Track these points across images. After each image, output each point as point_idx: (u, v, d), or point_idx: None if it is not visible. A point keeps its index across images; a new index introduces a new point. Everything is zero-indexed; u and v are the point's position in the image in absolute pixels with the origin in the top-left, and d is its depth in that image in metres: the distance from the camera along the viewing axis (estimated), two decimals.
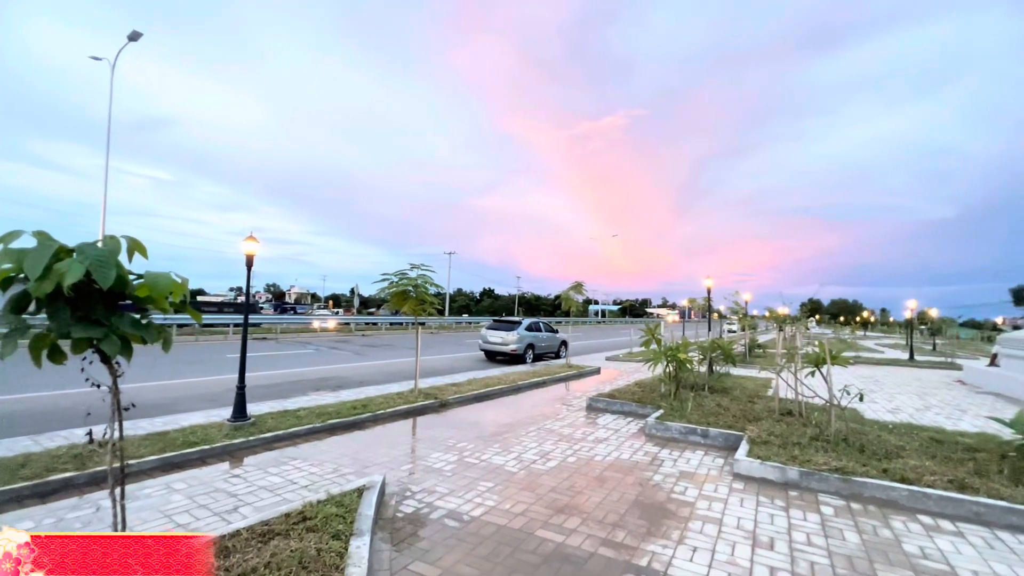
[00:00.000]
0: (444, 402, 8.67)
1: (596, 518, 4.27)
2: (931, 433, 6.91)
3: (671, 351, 8.96)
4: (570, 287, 15.59)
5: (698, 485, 5.18)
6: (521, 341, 16.23)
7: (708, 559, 3.62)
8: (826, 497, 4.93)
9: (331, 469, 5.33)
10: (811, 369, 7.00)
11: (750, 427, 6.74)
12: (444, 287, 54.03)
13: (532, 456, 5.99)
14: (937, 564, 3.66)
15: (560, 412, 8.58)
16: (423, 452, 6.09)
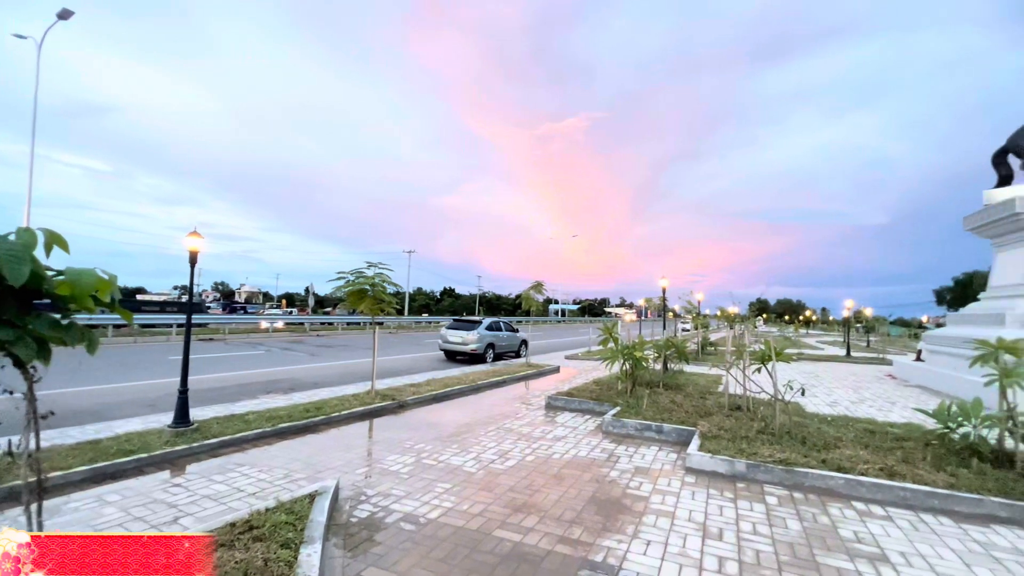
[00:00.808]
0: (402, 403, 8.51)
1: (553, 516, 4.30)
2: (865, 424, 7.37)
3: (627, 350, 9.15)
4: (530, 287, 15.69)
5: (652, 480, 5.30)
6: (481, 340, 16.18)
7: (661, 552, 3.71)
8: (771, 488, 5.16)
9: (282, 475, 5.12)
10: (758, 366, 7.33)
11: (702, 422, 6.98)
12: (403, 286, 53.15)
13: (491, 456, 5.97)
14: (869, 547, 3.89)
15: (519, 411, 8.60)
16: (380, 455, 5.96)
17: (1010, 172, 12.97)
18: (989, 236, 13.10)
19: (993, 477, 4.99)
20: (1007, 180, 12.98)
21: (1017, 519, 4.45)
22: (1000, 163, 13.18)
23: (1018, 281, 11.70)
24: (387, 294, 8.55)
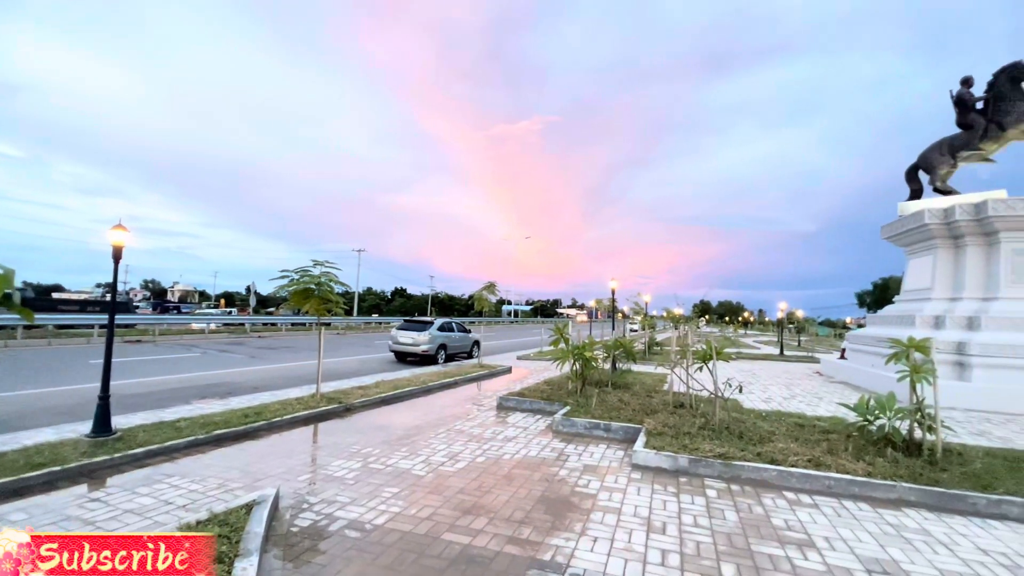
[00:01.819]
0: (349, 406, 8.25)
1: (503, 516, 4.30)
2: (795, 419, 7.87)
3: (578, 350, 9.32)
4: (483, 287, 15.66)
5: (600, 477, 5.42)
6: (433, 341, 15.97)
7: (607, 548, 3.79)
8: (711, 481, 5.40)
9: (216, 485, 4.82)
10: (700, 365, 7.65)
11: (647, 420, 7.21)
12: (351, 286, 51.61)
13: (441, 458, 5.89)
14: (798, 534, 4.15)
15: (471, 412, 8.55)
16: (324, 460, 5.74)
17: (920, 187, 14.26)
18: (902, 245, 14.36)
19: (904, 465, 5.46)
20: (917, 194, 14.27)
21: (924, 502, 4.89)
22: (912, 178, 14.47)
23: (926, 286, 12.89)
24: (334, 294, 8.27)
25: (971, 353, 10.49)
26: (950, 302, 12.00)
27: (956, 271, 12.24)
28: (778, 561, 3.68)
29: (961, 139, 13.35)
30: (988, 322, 10.74)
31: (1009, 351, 10.23)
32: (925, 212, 12.47)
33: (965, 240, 11.97)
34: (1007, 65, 12.63)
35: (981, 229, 11.64)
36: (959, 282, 12.05)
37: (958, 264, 12.21)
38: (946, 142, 13.66)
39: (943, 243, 12.51)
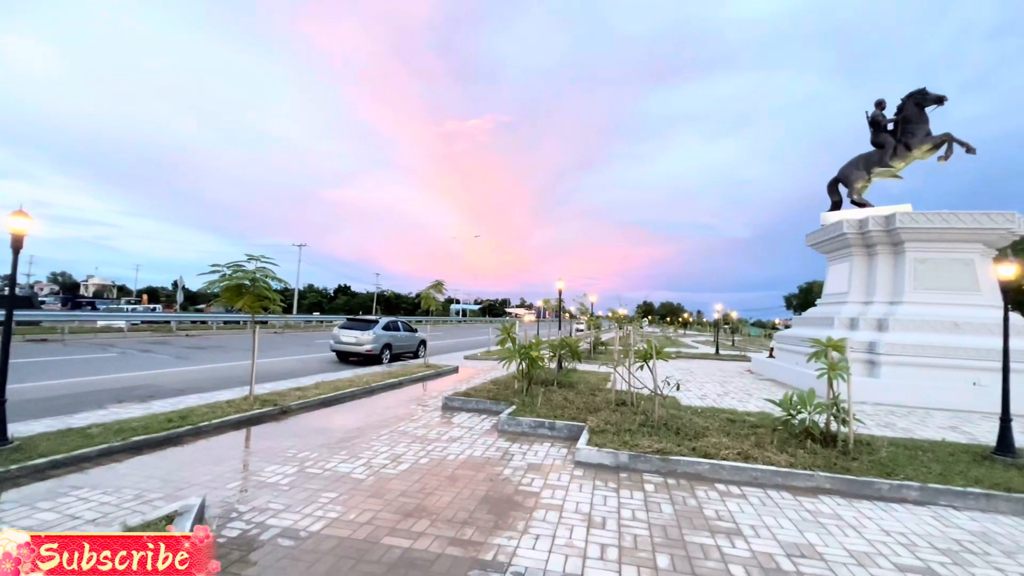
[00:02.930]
0: (285, 408, 7.87)
1: (446, 518, 4.24)
2: (728, 414, 8.32)
3: (524, 349, 9.38)
4: (430, 285, 15.45)
5: (544, 475, 5.47)
6: (377, 341, 15.56)
7: (549, 544, 3.83)
8: (649, 476, 5.60)
9: (133, 496, 4.44)
10: (641, 364, 7.92)
11: (591, 418, 7.36)
12: (290, 282, 49.46)
13: (383, 460, 5.74)
14: (727, 523, 4.38)
15: (415, 413, 8.40)
16: (256, 466, 5.44)
17: (840, 199, 15.50)
18: (824, 252, 15.54)
19: (822, 455, 5.90)
20: (837, 205, 15.50)
21: (837, 489, 5.30)
22: (833, 191, 15.70)
23: (844, 290, 14.02)
24: (271, 290, 7.86)
25: (880, 352, 11.52)
26: (864, 305, 13.12)
27: (869, 277, 13.40)
28: (708, 550, 3.86)
29: (874, 156, 14.64)
30: (894, 324, 11.83)
31: (911, 350, 11.31)
32: (843, 223, 13.56)
33: (877, 249, 13.12)
34: (913, 91, 13.99)
35: (890, 239, 12.80)
36: (871, 287, 13.20)
37: (871, 270, 13.37)
38: (862, 159, 14.94)
39: (858, 251, 13.66)
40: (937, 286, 12.23)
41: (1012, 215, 11.91)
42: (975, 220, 11.96)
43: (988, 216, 11.94)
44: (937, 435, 7.88)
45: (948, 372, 11.02)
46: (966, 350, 10.94)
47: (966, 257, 12.25)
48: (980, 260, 12.27)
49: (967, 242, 12.21)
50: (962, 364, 10.93)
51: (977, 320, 11.33)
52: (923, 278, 12.37)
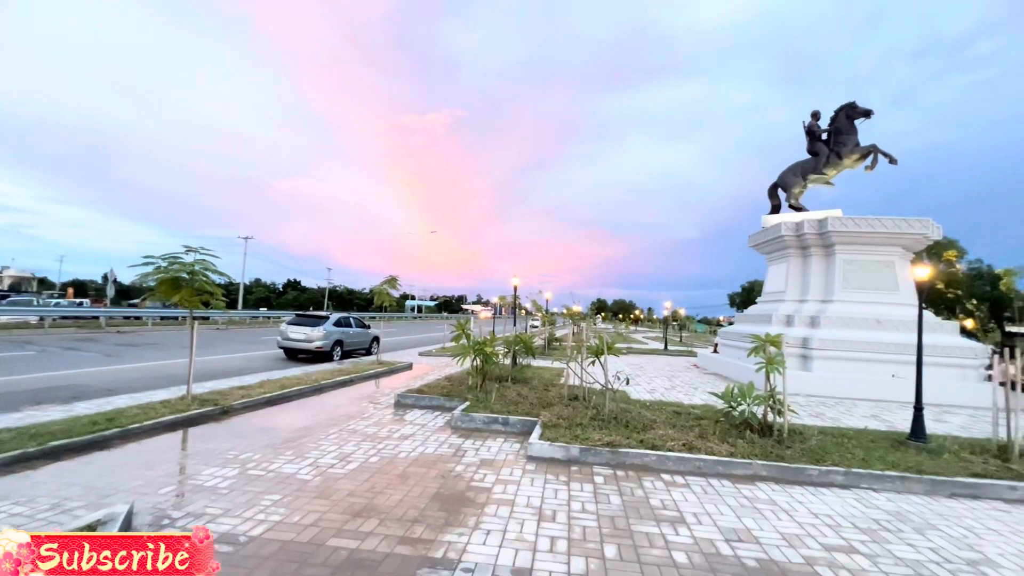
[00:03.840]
0: (226, 408, 7.48)
1: (395, 516, 4.17)
2: (674, 407, 8.64)
3: (479, 345, 9.36)
4: (384, 281, 15.11)
5: (496, 471, 5.49)
6: (328, 337, 15.08)
7: (500, 539, 3.84)
8: (599, 468, 5.73)
9: (49, 506, 4.10)
10: (592, 359, 8.08)
11: (544, 413, 7.45)
12: (234, 276, 47.19)
13: (330, 460, 5.57)
14: (671, 512, 4.55)
15: (367, 411, 8.21)
16: (194, 469, 5.15)
17: (779, 203, 16.41)
18: (764, 252, 16.41)
19: (759, 445, 6.24)
20: (777, 209, 16.39)
21: (773, 476, 5.62)
22: (773, 195, 16.59)
23: (781, 289, 14.87)
24: (211, 284, 7.44)
25: (812, 347, 12.31)
26: (799, 303, 13.96)
27: (804, 276, 14.27)
28: (654, 538, 4.00)
29: (810, 164, 15.59)
30: (825, 321, 12.67)
31: (839, 345, 12.15)
32: (782, 225, 14.37)
33: (811, 251, 13.99)
34: (844, 104, 14.99)
35: (823, 242, 13.68)
36: (806, 286, 14.07)
37: (805, 270, 14.24)
38: (799, 165, 15.87)
39: (795, 252, 14.51)
40: (863, 286, 13.20)
41: (927, 222, 13.02)
42: (895, 225, 12.98)
43: (907, 222, 12.99)
44: (861, 423, 8.52)
45: (871, 365, 11.92)
46: (887, 345, 11.87)
47: (887, 259, 13.29)
48: (900, 262, 13.34)
49: (888, 246, 13.23)
50: (883, 358, 11.86)
51: (896, 317, 12.32)
52: (851, 278, 13.31)
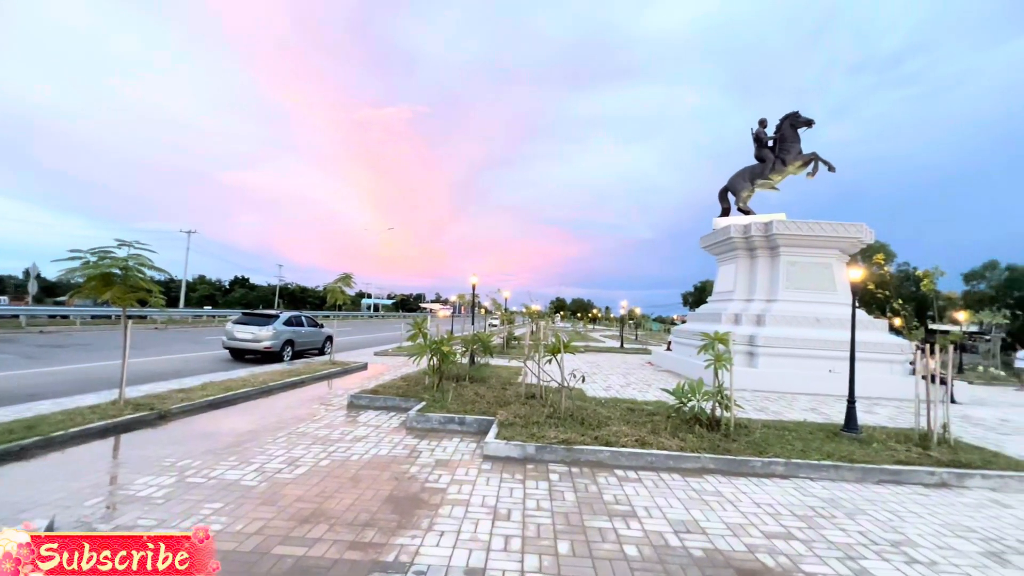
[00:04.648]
0: (164, 413, 7.04)
1: (346, 521, 4.05)
2: (628, 404, 8.84)
3: (436, 344, 9.25)
4: (338, 279, 14.67)
5: (452, 471, 5.43)
6: (278, 337, 14.49)
7: (453, 540, 3.80)
8: (555, 465, 5.77)
9: None
10: (549, 357, 8.14)
11: (500, 412, 7.44)
12: (173, 272, 44.78)
13: (278, 464, 5.34)
14: (624, 507, 4.64)
15: (318, 413, 7.94)
16: (126, 478, 4.81)
17: (729, 206, 17.10)
18: (714, 253, 17.07)
19: (708, 439, 6.47)
20: (726, 212, 17.08)
21: (719, 469, 5.84)
22: (723, 198, 17.27)
23: (730, 289, 15.50)
24: (147, 280, 6.98)
25: (758, 344, 12.91)
26: (746, 302, 14.61)
27: (751, 277, 14.94)
28: (606, 533, 4.06)
29: (757, 169, 16.34)
30: (770, 319, 13.31)
31: (783, 342, 12.81)
32: (731, 228, 14.99)
33: (758, 252, 14.67)
34: (788, 113, 15.80)
35: (768, 244, 14.37)
36: (753, 286, 14.74)
37: (752, 271, 14.92)
38: (747, 171, 16.59)
39: (743, 254, 15.17)
40: (804, 286, 13.96)
41: (861, 227, 13.91)
42: (833, 229, 13.80)
43: (843, 226, 13.84)
44: (801, 416, 9.00)
45: (811, 361, 12.63)
46: (825, 342, 12.61)
47: (826, 261, 14.12)
48: (837, 264, 14.20)
49: (826, 248, 14.06)
50: (822, 354, 12.58)
51: (834, 316, 13.10)
52: (793, 279, 14.05)
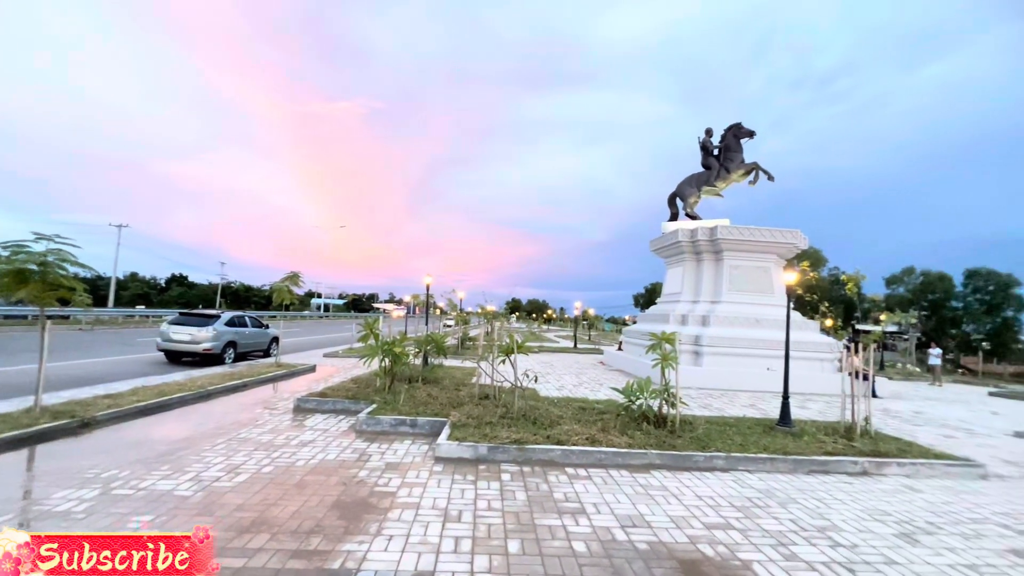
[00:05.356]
0: (87, 421, 6.53)
1: (289, 529, 3.90)
2: (580, 403, 9.00)
3: (387, 345, 9.07)
4: (284, 277, 14.10)
5: (402, 474, 5.34)
6: (219, 338, 13.75)
7: (402, 544, 3.74)
8: (507, 465, 5.79)
9: None
10: (503, 358, 8.17)
11: (453, 413, 7.39)
12: (99, 269, 41.75)
13: (216, 473, 5.07)
14: (573, 504, 4.73)
15: (261, 417, 7.60)
16: (42, 492, 4.42)
17: (677, 211, 17.76)
18: (663, 256, 17.68)
19: (654, 435, 6.69)
20: (675, 217, 17.74)
21: (665, 464, 6.06)
22: (672, 203, 17.92)
23: (678, 291, 16.11)
24: (69, 278, 6.45)
25: (703, 344, 13.48)
26: (692, 304, 15.22)
27: (697, 279, 15.60)
28: (556, 531, 4.12)
29: (703, 177, 17.07)
30: (714, 320, 13.94)
31: (726, 342, 13.44)
32: (679, 232, 15.58)
33: (703, 256, 15.33)
34: (732, 124, 16.61)
35: (713, 248, 15.05)
36: (699, 288, 15.38)
37: (699, 274, 15.57)
38: (694, 177, 17.31)
39: (690, 257, 15.81)
40: (745, 288, 14.72)
41: (796, 233, 14.83)
42: (771, 235, 14.64)
43: (780, 233, 14.70)
44: (741, 412, 9.48)
45: (751, 360, 13.33)
46: (764, 341, 13.33)
47: (765, 265, 14.95)
48: (774, 268, 15.06)
49: (766, 253, 14.89)
50: (761, 353, 13.30)
51: (772, 317, 13.88)
52: (736, 281, 14.79)
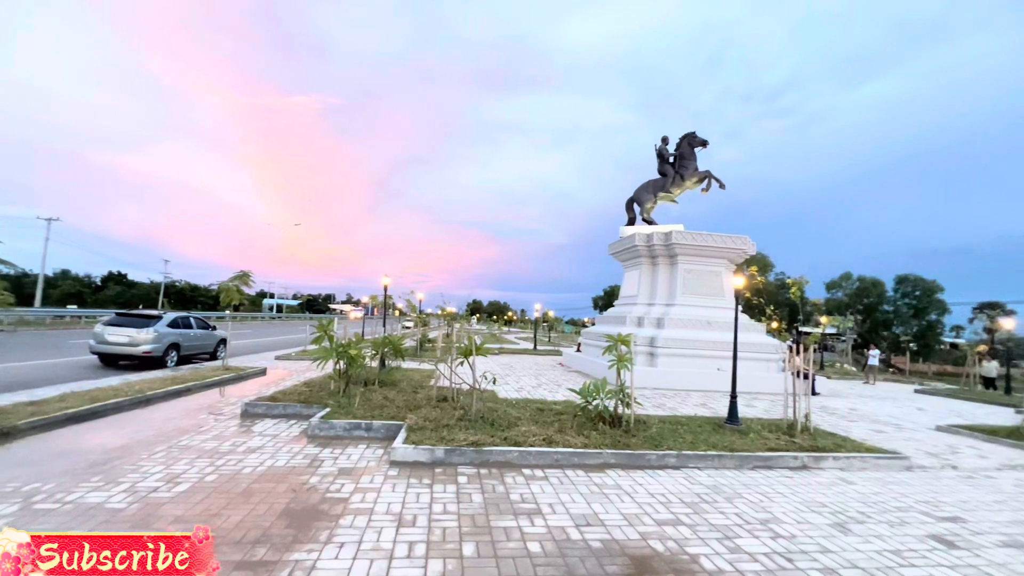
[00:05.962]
0: (7, 430, 6.00)
1: (233, 540, 3.72)
2: (538, 404, 9.07)
3: (342, 348, 8.84)
4: (234, 276, 13.45)
5: (356, 479, 5.21)
6: (160, 340, 12.97)
7: (354, 551, 3.65)
8: (464, 468, 5.76)
9: None
10: (461, 359, 8.12)
11: (410, 416, 7.29)
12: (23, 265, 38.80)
13: (153, 483, 4.79)
14: (529, 504, 4.75)
15: (205, 423, 7.23)
16: None
17: (634, 216, 18.23)
18: (621, 260, 18.09)
19: (610, 435, 6.83)
20: (632, 222, 18.20)
21: (619, 463, 6.19)
22: (629, 208, 18.38)
23: (634, 293, 16.52)
24: None
25: (658, 345, 13.87)
26: (648, 306, 15.65)
27: (653, 283, 16.04)
28: (511, 532, 4.13)
29: (660, 183, 17.61)
30: (669, 322, 14.37)
31: (680, 344, 13.88)
32: (636, 236, 15.99)
33: (659, 260, 15.79)
34: (686, 133, 17.22)
35: (668, 252, 15.53)
36: (654, 291, 15.83)
37: (654, 277, 16.02)
38: (651, 184, 17.82)
39: (646, 261, 16.24)
40: (698, 292, 15.27)
41: (745, 239, 15.52)
42: (723, 241, 15.26)
43: (731, 238, 15.35)
44: (692, 411, 9.81)
45: (703, 360, 13.82)
46: (715, 343, 13.86)
47: (716, 270, 15.56)
48: (725, 272, 15.70)
49: (717, 258, 15.50)
50: (712, 354, 13.82)
51: (722, 319, 14.44)
52: (689, 285, 15.31)
